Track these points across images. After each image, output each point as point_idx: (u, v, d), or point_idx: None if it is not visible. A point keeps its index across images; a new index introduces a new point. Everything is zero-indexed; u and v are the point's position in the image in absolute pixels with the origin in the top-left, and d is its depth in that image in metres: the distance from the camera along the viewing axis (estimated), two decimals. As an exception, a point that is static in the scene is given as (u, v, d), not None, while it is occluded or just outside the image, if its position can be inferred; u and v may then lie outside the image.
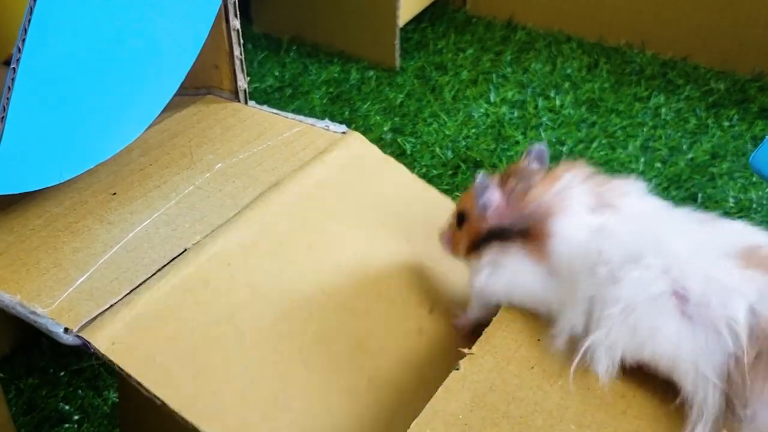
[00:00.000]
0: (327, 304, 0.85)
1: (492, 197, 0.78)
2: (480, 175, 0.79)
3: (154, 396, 0.72)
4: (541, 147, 0.81)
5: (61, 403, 1.07)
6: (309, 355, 0.80)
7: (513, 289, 0.79)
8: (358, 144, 0.99)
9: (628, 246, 0.71)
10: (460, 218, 0.84)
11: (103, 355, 0.72)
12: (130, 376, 0.72)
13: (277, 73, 1.80)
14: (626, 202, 0.76)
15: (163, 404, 0.72)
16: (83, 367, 1.12)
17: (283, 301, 0.84)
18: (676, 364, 0.69)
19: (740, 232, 0.72)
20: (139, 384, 0.72)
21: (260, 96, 1.71)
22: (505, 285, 0.79)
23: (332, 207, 0.95)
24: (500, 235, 0.78)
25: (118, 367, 0.72)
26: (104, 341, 0.72)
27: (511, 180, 0.79)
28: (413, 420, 0.70)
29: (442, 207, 1.01)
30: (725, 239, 0.71)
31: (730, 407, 0.67)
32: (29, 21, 0.71)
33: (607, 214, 0.75)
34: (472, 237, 0.81)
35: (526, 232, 0.76)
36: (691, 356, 0.67)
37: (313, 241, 0.89)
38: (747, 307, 0.66)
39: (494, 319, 0.81)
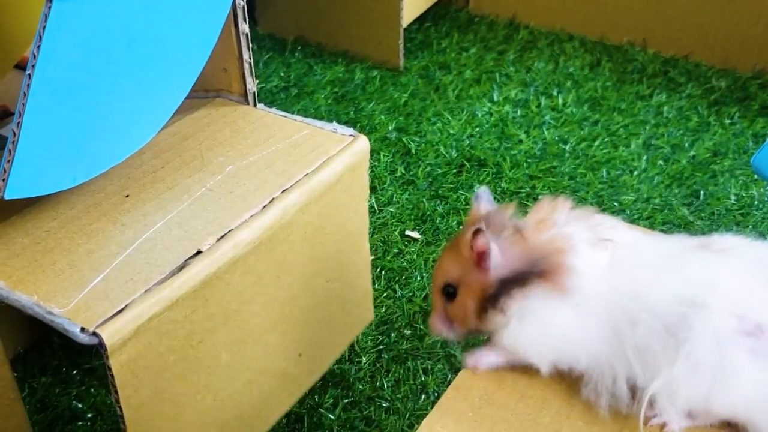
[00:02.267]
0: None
1: (493, 249, 0.73)
2: (477, 230, 0.72)
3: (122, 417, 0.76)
4: (484, 190, 0.79)
5: (74, 402, 1.09)
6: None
7: (545, 334, 0.73)
8: (361, 151, 1.00)
9: (675, 289, 0.68)
10: (449, 291, 0.77)
11: (108, 363, 0.74)
12: (114, 387, 0.75)
13: (282, 74, 1.81)
14: (620, 235, 0.74)
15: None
16: (96, 365, 1.14)
17: (290, 298, 0.84)
18: (756, 408, 0.66)
19: (756, 255, 0.71)
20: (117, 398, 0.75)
21: (266, 96, 1.72)
22: (537, 331, 0.73)
23: (341, 208, 0.97)
24: (517, 281, 0.72)
25: (111, 373, 0.75)
26: (117, 343, 0.74)
27: (491, 228, 0.74)
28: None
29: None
30: (753, 265, 0.69)
31: None
32: (44, 28, 0.73)
33: (610, 249, 0.72)
34: (479, 298, 0.74)
35: (543, 272, 0.71)
36: None
37: (320, 240, 0.91)
38: None
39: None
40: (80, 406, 1.09)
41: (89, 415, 1.07)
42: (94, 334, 0.73)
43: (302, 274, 0.95)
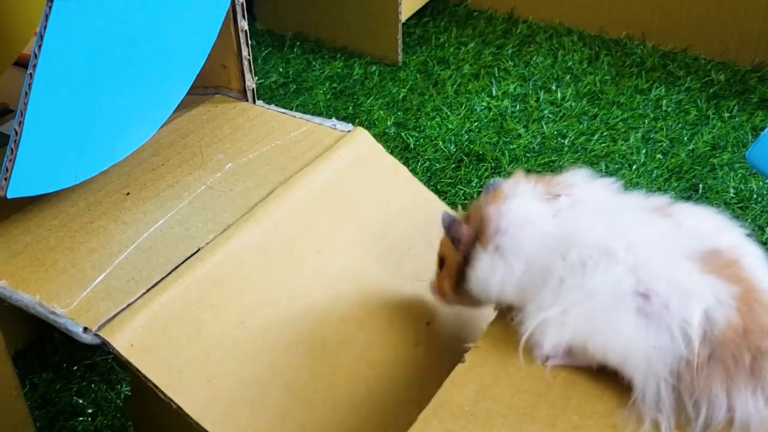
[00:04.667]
0: (332, 312, 0.87)
1: (461, 230, 0.80)
2: (443, 213, 0.82)
3: (171, 401, 0.74)
4: (497, 181, 0.82)
5: (74, 397, 1.10)
6: (315, 365, 0.83)
7: (478, 276, 0.79)
8: (363, 142, 1.01)
9: (598, 235, 0.73)
10: (441, 262, 0.85)
11: (124, 357, 0.74)
12: (148, 380, 0.75)
13: (281, 69, 1.81)
14: (577, 191, 0.78)
15: (179, 408, 0.74)
16: (96, 361, 1.14)
17: (292, 307, 0.86)
18: (628, 358, 0.70)
19: (703, 232, 0.73)
20: (158, 388, 0.74)
21: (265, 92, 1.73)
22: (481, 283, 0.79)
23: (340, 209, 0.97)
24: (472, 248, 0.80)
25: (137, 370, 0.75)
26: (123, 342, 0.75)
27: (473, 216, 0.81)
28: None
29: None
30: (689, 240, 0.72)
31: (680, 405, 0.69)
32: (45, 27, 0.73)
33: (560, 201, 0.77)
34: (453, 271, 0.82)
35: (479, 232, 0.78)
36: (643, 352, 0.69)
37: (321, 246, 0.91)
38: (702, 312, 0.68)
39: (498, 312, 0.83)
40: (81, 401, 1.09)
41: (90, 411, 1.08)
42: (97, 334, 0.74)
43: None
